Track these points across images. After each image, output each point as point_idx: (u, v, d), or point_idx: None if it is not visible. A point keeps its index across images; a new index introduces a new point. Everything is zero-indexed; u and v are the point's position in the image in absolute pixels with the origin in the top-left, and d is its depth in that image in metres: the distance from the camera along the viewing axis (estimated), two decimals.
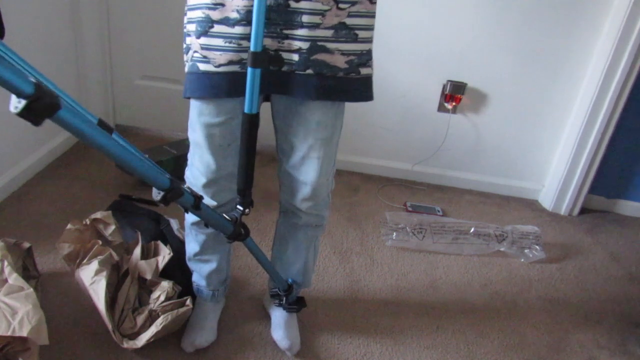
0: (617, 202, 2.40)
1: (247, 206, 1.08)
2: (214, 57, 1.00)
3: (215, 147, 1.10)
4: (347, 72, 1.03)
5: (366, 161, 2.40)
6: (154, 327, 1.25)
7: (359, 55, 1.03)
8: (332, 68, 1.02)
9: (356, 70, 1.04)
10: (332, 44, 1.00)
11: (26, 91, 0.52)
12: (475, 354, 1.47)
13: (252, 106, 0.98)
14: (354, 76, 1.05)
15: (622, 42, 1.99)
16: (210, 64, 1.01)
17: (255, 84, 0.96)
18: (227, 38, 0.98)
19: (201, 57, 1.01)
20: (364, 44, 1.04)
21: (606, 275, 1.93)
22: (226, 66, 1.00)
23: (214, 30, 0.98)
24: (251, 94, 0.96)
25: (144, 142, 2.36)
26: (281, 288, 1.36)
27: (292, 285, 1.36)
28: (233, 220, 1.07)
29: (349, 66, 1.03)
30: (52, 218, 1.75)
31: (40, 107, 0.54)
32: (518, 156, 2.35)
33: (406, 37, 2.13)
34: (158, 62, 2.34)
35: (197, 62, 1.02)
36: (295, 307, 1.40)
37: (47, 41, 1.99)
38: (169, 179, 0.83)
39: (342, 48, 1.01)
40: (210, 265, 1.32)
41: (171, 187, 0.83)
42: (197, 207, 0.95)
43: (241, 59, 0.99)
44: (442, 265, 1.84)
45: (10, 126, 1.84)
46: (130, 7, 2.24)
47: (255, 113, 0.99)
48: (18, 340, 1.08)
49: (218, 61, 1.00)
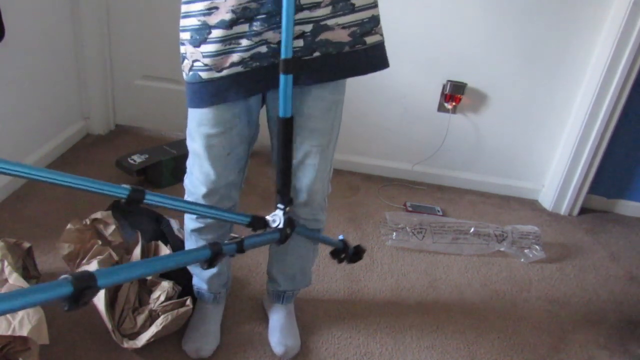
0: (617, 202, 2.40)
1: (288, 204, 1.09)
2: (215, 63, 0.98)
3: (214, 157, 1.09)
4: (352, 45, 1.00)
5: (366, 161, 2.40)
6: (154, 327, 1.25)
7: (360, 24, 1.00)
8: (337, 45, 0.99)
9: (361, 40, 1.01)
10: (331, 20, 0.97)
11: None
12: (475, 354, 1.47)
13: (286, 110, 0.98)
14: (360, 47, 1.01)
15: (622, 42, 1.99)
16: (213, 71, 0.99)
17: (288, 90, 0.96)
18: (226, 41, 0.96)
19: (202, 66, 0.99)
20: (363, 12, 1.00)
21: (606, 275, 1.93)
22: (228, 69, 0.98)
23: (212, 36, 0.96)
24: (284, 99, 0.97)
25: (144, 142, 2.36)
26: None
27: (345, 241, 1.36)
28: (277, 224, 1.08)
29: (353, 38, 1.00)
30: (52, 218, 1.75)
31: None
32: (518, 156, 2.35)
33: (406, 37, 2.13)
34: (158, 62, 2.34)
35: (199, 72, 1.00)
36: (357, 257, 1.39)
37: (47, 41, 1.99)
38: (207, 247, 0.90)
39: (341, 22, 0.98)
40: (211, 269, 1.32)
41: (213, 254, 0.87)
42: (242, 250, 1.00)
43: (242, 58, 0.97)
44: (442, 265, 1.84)
45: (10, 126, 1.84)
46: (130, 7, 2.24)
47: (290, 117, 1.00)
48: (18, 340, 1.08)
49: (220, 65, 0.98)
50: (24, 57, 1.84)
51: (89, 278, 0.64)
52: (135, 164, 1.98)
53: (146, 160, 2.01)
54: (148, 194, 0.90)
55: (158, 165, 2.02)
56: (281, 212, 1.08)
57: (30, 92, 1.93)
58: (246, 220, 1.08)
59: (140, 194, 0.88)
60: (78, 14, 2.12)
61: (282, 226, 1.08)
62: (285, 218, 1.08)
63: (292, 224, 1.10)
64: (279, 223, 1.08)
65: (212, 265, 0.89)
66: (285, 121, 1.00)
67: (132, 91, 2.41)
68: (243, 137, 1.11)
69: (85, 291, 0.63)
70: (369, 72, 1.06)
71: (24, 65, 1.86)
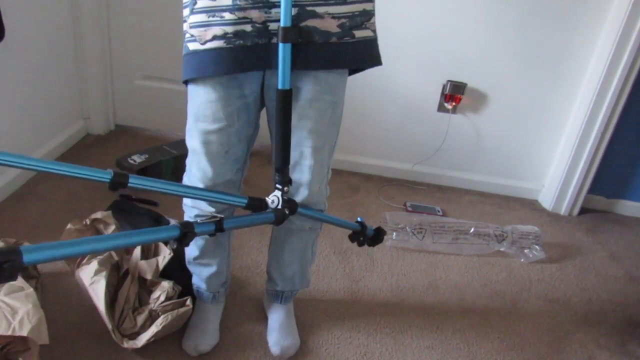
0: (617, 202, 2.40)
1: (286, 184, 1.05)
2: (199, 34, 0.98)
3: (212, 154, 1.09)
4: (340, 37, 0.98)
5: (366, 161, 2.40)
6: (154, 327, 1.25)
7: (351, 17, 0.98)
8: (324, 34, 0.97)
9: (350, 33, 0.99)
10: (321, 7, 0.95)
11: None
12: (475, 354, 1.47)
13: (284, 82, 0.95)
14: (348, 40, 0.99)
15: (622, 41, 1.99)
16: (197, 42, 0.99)
17: (286, 59, 0.93)
18: (210, 12, 0.96)
19: (190, 37, 1.01)
20: (354, 4, 0.98)
21: (606, 275, 1.93)
22: (211, 42, 0.98)
23: (197, 7, 0.97)
24: (283, 69, 0.94)
25: (144, 142, 2.36)
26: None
27: (363, 222, 1.33)
28: (275, 205, 1.03)
29: (342, 30, 0.98)
30: (52, 218, 1.75)
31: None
32: (518, 156, 2.35)
33: (406, 37, 2.13)
34: (158, 62, 2.34)
35: (187, 43, 1.01)
36: (378, 240, 1.38)
37: (47, 41, 1.99)
38: (177, 227, 0.83)
39: (332, 11, 0.96)
40: (210, 268, 1.32)
41: (182, 233, 0.83)
42: (221, 229, 0.94)
43: (225, 32, 0.96)
44: (442, 265, 1.84)
45: (10, 126, 1.84)
46: (130, 7, 2.24)
47: (289, 89, 0.96)
48: (18, 340, 1.09)
49: (204, 37, 0.98)
50: (24, 57, 1.84)
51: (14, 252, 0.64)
52: (135, 164, 1.98)
53: (146, 160, 2.01)
54: (132, 178, 0.89)
55: (158, 165, 2.02)
56: (279, 192, 1.05)
57: (30, 92, 1.93)
58: (243, 202, 1.05)
59: (124, 177, 0.88)
60: (78, 14, 2.12)
61: (281, 206, 1.04)
62: (284, 198, 1.04)
63: (292, 205, 1.06)
64: (277, 204, 1.04)
65: (182, 244, 0.85)
66: (284, 93, 0.97)
67: (132, 91, 2.41)
68: (242, 136, 1.11)
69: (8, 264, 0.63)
70: (354, 66, 1.05)
71: (24, 65, 1.86)
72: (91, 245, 0.74)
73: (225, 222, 0.95)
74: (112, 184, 0.86)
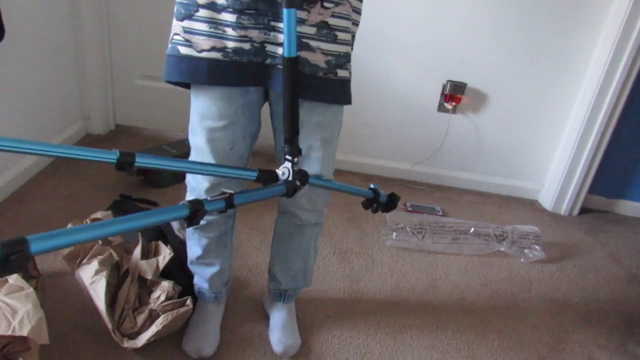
0: (617, 202, 2.40)
1: (296, 155, 1.02)
2: (197, 41, 1.00)
3: (217, 152, 1.10)
4: (325, 72, 1.04)
5: (366, 161, 2.40)
6: (154, 327, 1.25)
7: (337, 56, 1.04)
8: (313, 67, 1.02)
9: (333, 71, 1.05)
10: (314, 42, 1.00)
11: None
12: (475, 354, 1.47)
13: (290, 49, 0.94)
14: (331, 77, 1.05)
15: (622, 41, 1.99)
16: (192, 49, 1.01)
17: (291, 26, 0.92)
18: (212, 23, 0.98)
19: (183, 41, 1.01)
20: (342, 45, 1.04)
21: (606, 275, 1.93)
22: (208, 52, 1.00)
23: (199, 15, 0.98)
24: (289, 36, 0.93)
25: (144, 142, 2.36)
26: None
27: (376, 189, 1.31)
28: (285, 177, 1.01)
29: (328, 66, 1.03)
30: (52, 218, 1.75)
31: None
32: (518, 156, 2.35)
33: (406, 37, 2.13)
34: (158, 62, 2.32)
35: (178, 45, 1.02)
36: (392, 206, 1.36)
37: (47, 41, 1.99)
38: (186, 205, 0.82)
39: (323, 47, 1.01)
40: (213, 268, 1.32)
41: (192, 211, 0.82)
42: (231, 205, 0.90)
43: (224, 46, 0.99)
44: (442, 265, 1.84)
45: (11, 126, 1.84)
46: (130, 7, 2.24)
47: (295, 56, 0.95)
48: (18, 340, 1.08)
49: (201, 46, 1.00)
50: (24, 57, 1.84)
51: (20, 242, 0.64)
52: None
53: None
54: (138, 156, 0.89)
55: None
56: (290, 163, 1.03)
57: (30, 92, 1.93)
58: (253, 175, 1.03)
59: (131, 156, 0.88)
60: (78, 14, 2.12)
61: (292, 178, 1.01)
62: (295, 169, 1.02)
63: (304, 176, 1.03)
64: (288, 175, 1.02)
65: (192, 223, 0.82)
66: (291, 61, 0.96)
67: (132, 91, 2.41)
68: (246, 132, 1.12)
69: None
70: (331, 102, 1.09)
71: (24, 65, 1.86)
72: (99, 230, 0.72)
73: (236, 197, 0.91)
74: (119, 164, 0.87)
